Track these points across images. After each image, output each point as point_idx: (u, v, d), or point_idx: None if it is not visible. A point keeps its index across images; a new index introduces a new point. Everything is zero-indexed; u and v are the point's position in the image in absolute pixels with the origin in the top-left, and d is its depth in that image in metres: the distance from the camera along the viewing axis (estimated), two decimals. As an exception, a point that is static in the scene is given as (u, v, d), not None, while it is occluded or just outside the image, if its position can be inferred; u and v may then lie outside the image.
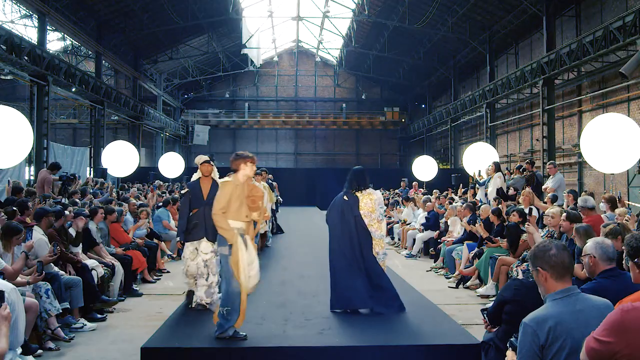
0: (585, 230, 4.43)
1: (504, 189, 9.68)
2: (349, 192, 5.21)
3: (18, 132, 8.38)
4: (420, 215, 10.78)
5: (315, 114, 35.86)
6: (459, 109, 24.28)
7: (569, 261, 2.40)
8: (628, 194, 13.88)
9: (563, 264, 2.36)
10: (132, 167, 14.98)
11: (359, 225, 5.06)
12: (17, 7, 21.49)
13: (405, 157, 34.98)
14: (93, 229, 6.65)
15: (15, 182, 8.25)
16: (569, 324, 2.22)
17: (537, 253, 2.43)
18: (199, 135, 33.31)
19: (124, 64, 24.30)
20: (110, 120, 26.81)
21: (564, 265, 2.36)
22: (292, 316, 4.87)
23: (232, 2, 22.47)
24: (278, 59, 36.46)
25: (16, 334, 3.76)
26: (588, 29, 15.05)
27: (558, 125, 17.68)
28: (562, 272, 2.35)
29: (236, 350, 4.05)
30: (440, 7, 20.08)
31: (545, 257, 2.38)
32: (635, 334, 1.94)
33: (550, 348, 2.20)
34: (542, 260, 2.39)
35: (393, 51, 26.60)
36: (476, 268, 7.14)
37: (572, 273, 2.42)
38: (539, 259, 2.40)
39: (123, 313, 5.87)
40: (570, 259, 2.42)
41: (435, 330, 4.54)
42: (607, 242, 3.20)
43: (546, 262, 2.37)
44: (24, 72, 14.66)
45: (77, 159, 18.88)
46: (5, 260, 4.58)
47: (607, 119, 8.89)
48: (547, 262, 2.37)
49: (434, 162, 18.04)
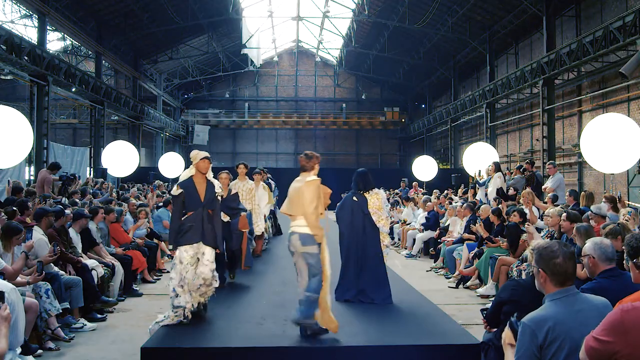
0: (586, 230, 4.42)
1: (504, 189, 9.68)
2: (357, 192, 5.58)
3: (18, 132, 8.39)
4: (420, 215, 10.78)
5: (315, 114, 35.86)
6: (459, 109, 24.28)
7: (573, 270, 2.39)
8: (628, 194, 13.89)
9: (566, 273, 2.35)
10: (132, 167, 14.98)
11: (368, 222, 5.46)
12: (17, 7, 21.50)
13: (405, 157, 34.99)
14: (93, 229, 6.65)
15: (15, 182, 8.25)
16: (567, 324, 2.23)
17: (543, 255, 2.40)
18: (199, 135, 33.31)
19: (124, 64, 24.30)
20: (110, 120, 26.82)
21: (566, 274, 2.35)
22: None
23: (232, 2, 22.47)
24: (278, 59, 36.47)
25: (16, 334, 3.76)
26: (588, 29, 15.06)
27: (558, 125, 17.68)
28: (562, 280, 2.35)
29: (236, 350, 4.05)
30: (440, 7, 20.08)
31: (549, 263, 2.36)
32: (635, 333, 1.94)
33: (549, 348, 2.21)
34: (545, 264, 2.37)
35: (393, 51, 26.60)
36: (476, 268, 7.14)
37: (574, 279, 2.40)
38: (543, 262, 2.39)
39: (123, 313, 5.87)
40: (574, 266, 2.40)
41: (435, 330, 4.54)
42: (606, 242, 3.19)
43: (549, 268, 2.36)
44: (24, 72, 14.67)
45: (77, 159, 18.87)
46: (5, 260, 4.58)
47: (607, 119, 8.90)
48: (550, 268, 2.36)
49: (434, 162, 18.05)
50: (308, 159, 4.47)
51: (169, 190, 15.64)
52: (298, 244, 4.26)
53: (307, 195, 4.27)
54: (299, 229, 4.29)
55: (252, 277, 6.81)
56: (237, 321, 4.69)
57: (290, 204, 4.40)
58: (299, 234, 4.26)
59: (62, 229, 5.94)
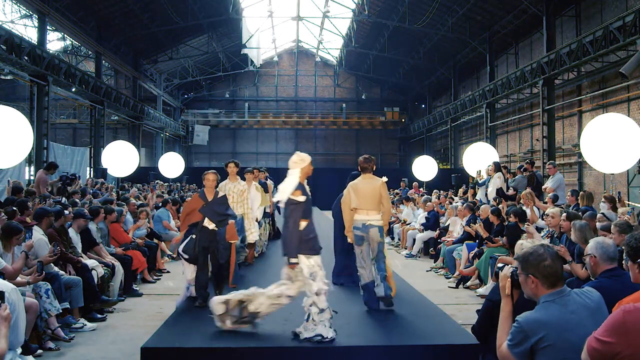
0: (581, 226, 4.44)
1: (504, 189, 9.68)
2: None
3: (18, 132, 8.37)
4: (420, 215, 10.78)
5: (315, 114, 35.86)
6: (459, 109, 24.28)
7: (562, 269, 2.40)
8: (628, 194, 13.88)
9: (556, 274, 2.35)
10: (132, 167, 14.96)
11: None
12: (17, 7, 21.49)
13: (405, 157, 34.99)
14: (93, 229, 6.65)
15: (16, 182, 8.25)
16: (562, 326, 2.23)
17: (530, 260, 2.38)
18: (199, 135, 33.32)
19: (124, 64, 24.30)
20: (110, 120, 26.82)
21: (557, 275, 2.35)
22: (292, 316, 4.87)
23: (232, 2, 22.46)
24: (278, 59, 36.47)
25: (16, 334, 3.76)
26: (588, 29, 15.05)
27: (558, 125, 17.68)
28: (554, 281, 2.35)
29: (236, 350, 4.05)
30: (440, 7, 20.08)
31: (539, 267, 2.34)
32: (637, 334, 1.94)
33: (544, 351, 2.22)
34: (535, 268, 2.35)
35: (393, 51, 26.60)
36: (476, 268, 7.14)
37: (564, 279, 2.41)
38: (532, 267, 2.37)
39: (123, 313, 5.87)
40: (562, 266, 2.42)
41: (435, 330, 4.53)
42: (608, 242, 3.19)
43: (540, 272, 2.34)
44: (24, 72, 14.67)
45: (77, 159, 18.87)
46: (5, 260, 4.58)
47: (607, 119, 8.89)
48: (540, 272, 2.34)
49: (434, 162, 18.04)
50: (367, 161, 5.16)
51: (168, 190, 15.62)
52: (377, 235, 4.98)
53: (384, 194, 5.05)
54: (377, 222, 5.00)
55: (252, 277, 6.80)
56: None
57: (364, 200, 5.01)
58: (377, 227, 4.98)
59: (62, 229, 5.93)
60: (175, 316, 4.96)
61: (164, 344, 4.11)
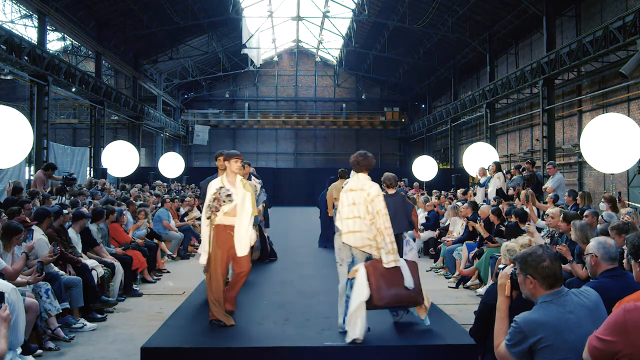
0: (581, 226, 4.43)
1: (504, 189, 9.67)
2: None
3: (18, 132, 8.37)
4: (420, 216, 10.76)
5: (315, 114, 35.87)
6: (459, 109, 24.28)
7: (560, 270, 2.40)
8: (628, 194, 13.88)
9: (555, 275, 2.35)
10: (132, 167, 14.97)
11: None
12: (17, 7, 21.49)
13: (405, 157, 35.01)
14: (93, 229, 6.65)
15: (16, 182, 8.24)
16: (561, 326, 2.24)
17: (529, 261, 2.38)
18: (199, 135, 33.33)
19: (124, 64, 24.30)
20: (110, 120, 26.83)
21: (556, 276, 2.35)
22: (292, 316, 4.87)
23: (232, 2, 22.46)
24: (278, 59, 36.47)
25: (16, 334, 3.76)
26: (588, 29, 15.05)
27: (558, 125, 17.68)
28: (552, 283, 2.35)
29: (236, 350, 4.05)
30: (440, 7, 20.08)
31: (538, 268, 2.35)
32: (637, 333, 1.94)
33: (542, 351, 2.22)
34: (533, 269, 2.36)
35: (393, 51, 26.60)
36: (476, 268, 7.13)
37: (562, 280, 2.41)
38: (530, 268, 2.37)
39: (123, 313, 5.87)
40: (561, 267, 2.42)
41: (435, 330, 4.53)
42: (610, 241, 3.18)
43: (539, 273, 2.35)
44: (24, 72, 14.66)
45: (77, 159, 18.88)
46: (6, 260, 4.57)
47: (607, 119, 8.89)
48: (539, 273, 2.35)
49: (434, 162, 18.03)
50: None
51: (168, 190, 15.61)
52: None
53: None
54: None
55: (252, 277, 6.80)
56: (237, 321, 4.68)
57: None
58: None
59: (62, 228, 5.93)
60: (175, 316, 4.96)
61: (164, 344, 4.11)
